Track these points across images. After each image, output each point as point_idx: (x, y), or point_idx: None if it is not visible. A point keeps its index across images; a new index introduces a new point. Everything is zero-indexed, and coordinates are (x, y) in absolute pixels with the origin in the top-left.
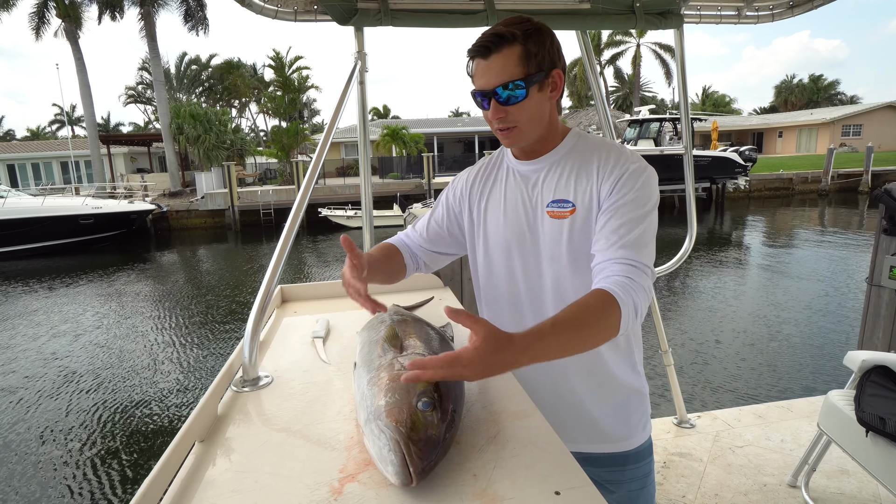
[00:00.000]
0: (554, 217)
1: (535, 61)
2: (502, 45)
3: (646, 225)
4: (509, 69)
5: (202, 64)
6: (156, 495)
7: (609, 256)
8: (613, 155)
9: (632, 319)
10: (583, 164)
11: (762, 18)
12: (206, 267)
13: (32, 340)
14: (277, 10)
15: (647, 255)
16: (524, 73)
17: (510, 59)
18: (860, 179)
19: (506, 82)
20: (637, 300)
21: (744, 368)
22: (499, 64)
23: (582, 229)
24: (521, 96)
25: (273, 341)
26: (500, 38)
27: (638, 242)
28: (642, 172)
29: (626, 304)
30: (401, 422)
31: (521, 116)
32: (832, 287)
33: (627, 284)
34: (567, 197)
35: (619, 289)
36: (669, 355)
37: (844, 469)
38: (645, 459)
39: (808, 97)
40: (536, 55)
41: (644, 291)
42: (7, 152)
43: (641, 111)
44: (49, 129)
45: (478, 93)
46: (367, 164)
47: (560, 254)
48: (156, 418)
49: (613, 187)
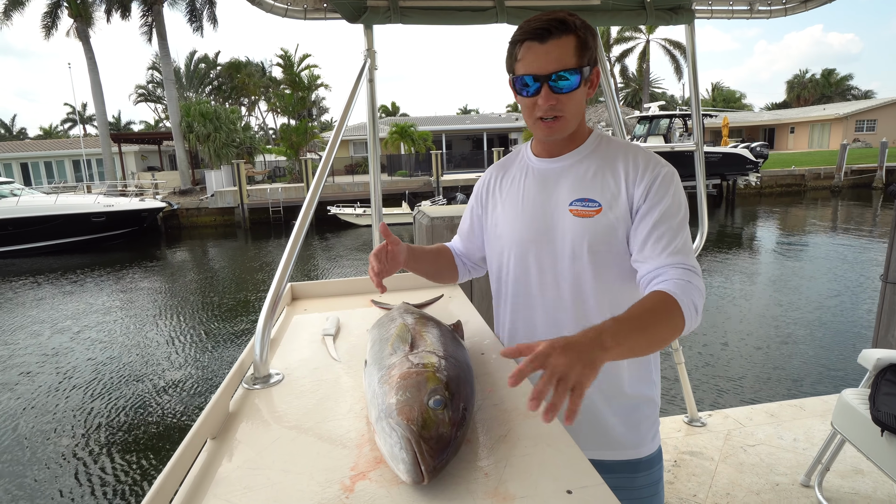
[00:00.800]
0: (578, 216)
1: (587, 55)
2: (563, 32)
3: (686, 230)
4: (567, 57)
5: (212, 62)
6: (169, 492)
7: (662, 263)
8: (641, 158)
9: (693, 318)
10: (607, 165)
11: (774, 13)
12: (216, 264)
13: (44, 337)
14: (287, 8)
15: (694, 260)
16: (579, 63)
17: (569, 47)
18: (874, 175)
19: (564, 69)
20: (696, 300)
21: (755, 366)
22: (558, 50)
23: (606, 229)
24: (575, 84)
25: (283, 339)
26: (562, 24)
27: (685, 248)
28: (672, 177)
29: (686, 304)
30: (412, 420)
31: (569, 107)
32: (846, 285)
33: (684, 285)
34: (593, 196)
35: (678, 289)
36: (680, 353)
37: (859, 469)
38: (655, 467)
39: (820, 92)
40: (589, 49)
41: (700, 292)
42: (20, 151)
43: (651, 107)
44: (61, 128)
45: (529, 77)
46: (376, 162)
47: (582, 252)
48: (167, 415)
49: (647, 193)
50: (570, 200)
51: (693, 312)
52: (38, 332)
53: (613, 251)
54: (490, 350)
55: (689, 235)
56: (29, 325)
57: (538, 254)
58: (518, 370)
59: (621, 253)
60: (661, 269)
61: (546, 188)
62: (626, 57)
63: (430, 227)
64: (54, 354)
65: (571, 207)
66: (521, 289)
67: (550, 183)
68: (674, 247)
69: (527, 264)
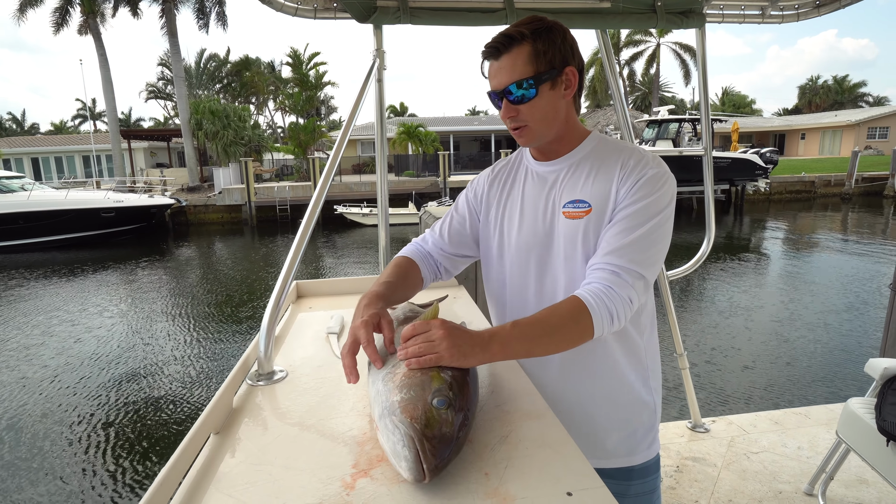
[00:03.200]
0: (570, 217)
1: (545, 59)
2: (511, 45)
3: (648, 230)
4: (519, 68)
5: (221, 60)
6: (172, 485)
7: (596, 262)
8: (634, 158)
9: (607, 326)
10: (602, 166)
11: (787, 18)
12: (223, 261)
13: (52, 329)
14: (297, 8)
15: (639, 262)
16: (533, 71)
17: (519, 58)
18: (886, 183)
19: (516, 81)
20: (613, 308)
21: (760, 374)
22: (508, 64)
23: (596, 230)
24: (532, 95)
25: (288, 336)
26: (508, 39)
27: (632, 248)
28: (659, 179)
29: (599, 313)
30: (416, 418)
31: (533, 115)
32: (854, 293)
33: (603, 293)
34: (584, 197)
35: (593, 297)
36: (685, 359)
37: (863, 478)
38: (651, 475)
39: (832, 98)
40: (546, 53)
41: (622, 300)
42: (31, 146)
43: (660, 111)
44: (72, 124)
45: (491, 93)
46: (383, 162)
47: (575, 255)
48: (171, 410)
49: (629, 192)
50: (564, 203)
51: (607, 320)
52: (47, 324)
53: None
54: None
55: (651, 237)
56: (38, 318)
57: (539, 258)
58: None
59: None
60: (591, 270)
61: (544, 190)
62: (635, 60)
63: None
64: (62, 346)
65: (564, 210)
66: (520, 292)
67: (548, 185)
68: (619, 244)
69: (527, 268)
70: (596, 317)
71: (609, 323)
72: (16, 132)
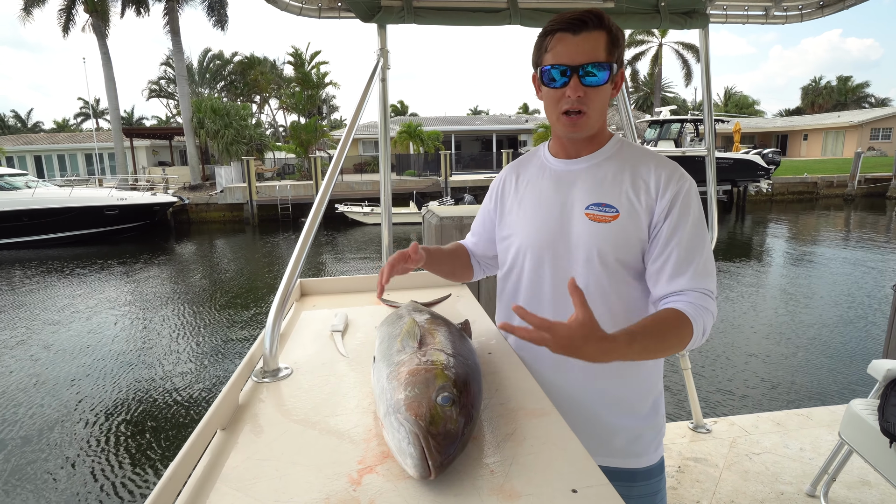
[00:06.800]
0: (594, 220)
1: (616, 52)
2: (597, 26)
3: (707, 249)
4: (599, 51)
5: (224, 59)
6: (179, 481)
7: (682, 287)
8: (665, 169)
9: (699, 340)
10: (627, 171)
11: (790, 18)
12: (225, 260)
13: (56, 326)
14: (302, 7)
15: (712, 282)
16: (609, 59)
17: (601, 41)
18: (889, 185)
19: (595, 62)
20: (706, 324)
21: (763, 374)
22: (590, 42)
23: (621, 236)
24: (604, 80)
25: (293, 334)
26: (597, 18)
27: (706, 270)
28: (694, 191)
29: (698, 326)
30: (420, 416)
31: (595, 102)
32: (857, 294)
33: (699, 309)
34: (611, 202)
35: (694, 311)
36: (687, 359)
37: (866, 480)
38: (655, 477)
39: (835, 99)
40: (618, 48)
41: (711, 316)
42: (34, 143)
43: (662, 112)
44: (74, 122)
45: (558, 67)
46: (387, 161)
47: (595, 258)
48: (177, 406)
49: (670, 208)
50: (587, 204)
51: (700, 335)
52: (52, 321)
53: (627, 259)
54: (497, 350)
55: (709, 255)
56: (43, 314)
57: (554, 257)
58: (520, 327)
59: (634, 261)
60: (681, 293)
61: (562, 190)
62: (637, 60)
63: (440, 227)
64: (66, 343)
65: (587, 211)
66: (535, 291)
67: (567, 184)
68: (694, 269)
69: (542, 267)
70: (695, 333)
71: (700, 338)
72: (20, 130)
